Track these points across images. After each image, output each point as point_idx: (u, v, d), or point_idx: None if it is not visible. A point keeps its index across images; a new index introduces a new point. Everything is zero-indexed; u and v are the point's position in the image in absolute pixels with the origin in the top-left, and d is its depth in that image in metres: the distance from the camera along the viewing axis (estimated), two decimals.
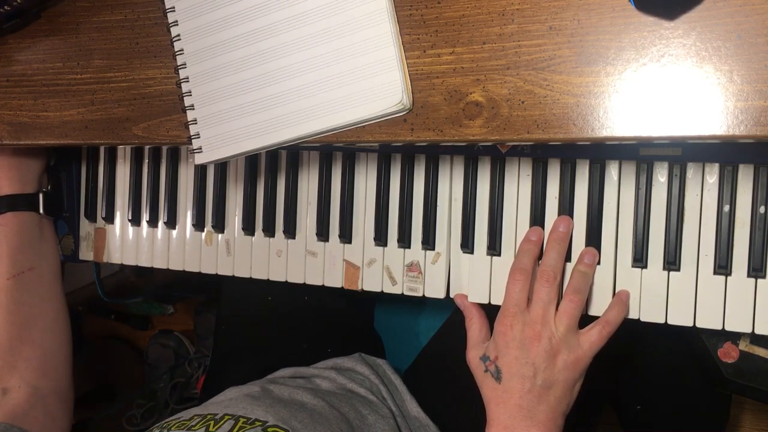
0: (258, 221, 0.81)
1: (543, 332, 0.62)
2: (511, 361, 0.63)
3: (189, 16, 0.63)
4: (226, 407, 0.67)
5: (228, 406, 0.67)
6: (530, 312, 0.64)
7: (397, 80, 0.56)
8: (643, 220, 0.66)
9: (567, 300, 0.64)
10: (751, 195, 0.63)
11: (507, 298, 0.65)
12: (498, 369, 0.64)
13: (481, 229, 0.72)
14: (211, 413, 0.65)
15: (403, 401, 0.79)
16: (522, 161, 0.70)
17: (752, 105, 0.48)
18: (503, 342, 0.64)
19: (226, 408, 0.66)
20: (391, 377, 0.82)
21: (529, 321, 0.63)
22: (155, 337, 1.55)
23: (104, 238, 0.89)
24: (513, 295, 0.64)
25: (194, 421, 0.64)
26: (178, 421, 0.65)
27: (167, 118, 0.67)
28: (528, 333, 0.63)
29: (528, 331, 0.63)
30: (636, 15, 0.50)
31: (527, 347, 0.62)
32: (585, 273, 0.66)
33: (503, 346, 0.64)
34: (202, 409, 0.69)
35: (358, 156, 0.76)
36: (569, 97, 0.52)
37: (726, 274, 0.64)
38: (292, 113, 0.60)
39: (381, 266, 0.76)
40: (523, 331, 0.63)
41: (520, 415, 0.62)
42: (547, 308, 0.63)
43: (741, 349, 0.68)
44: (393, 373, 0.83)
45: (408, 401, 0.79)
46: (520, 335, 0.63)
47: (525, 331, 0.63)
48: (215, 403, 0.72)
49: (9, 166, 0.81)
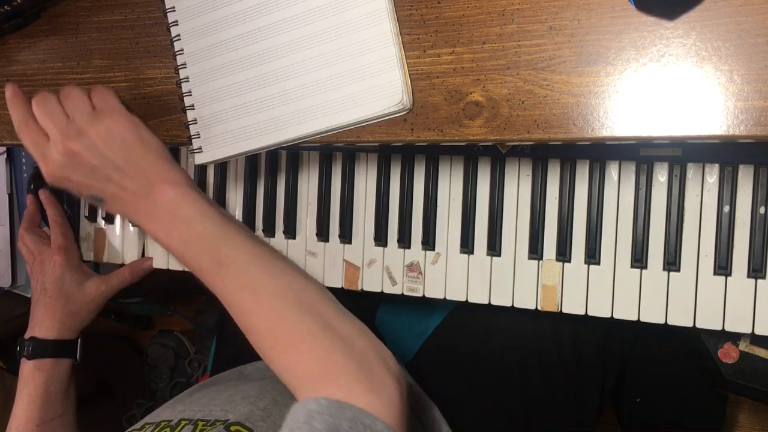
0: (258, 221, 0.81)
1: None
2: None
3: (189, 16, 0.63)
4: (181, 412, 0.65)
5: (183, 411, 0.65)
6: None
7: (398, 80, 0.56)
8: (643, 220, 0.66)
9: None
10: (751, 195, 0.63)
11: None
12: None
13: (481, 230, 0.72)
14: (165, 420, 0.63)
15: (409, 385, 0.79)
16: (522, 161, 0.70)
17: (752, 105, 0.48)
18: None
19: (182, 413, 0.65)
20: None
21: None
22: (155, 337, 1.55)
23: (104, 239, 0.89)
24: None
25: (147, 430, 0.62)
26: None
27: (167, 118, 0.66)
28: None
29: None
30: (636, 15, 0.50)
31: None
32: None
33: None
34: (154, 416, 0.67)
35: (358, 156, 0.76)
36: (569, 97, 0.52)
37: (726, 275, 0.64)
38: (292, 113, 0.60)
39: (381, 266, 0.76)
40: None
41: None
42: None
43: (741, 350, 0.68)
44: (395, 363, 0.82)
45: (412, 385, 0.79)
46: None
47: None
48: (169, 407, 0.70)
49: (63, 314, 0.80)
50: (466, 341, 0.83)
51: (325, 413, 0.48)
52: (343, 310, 0.58)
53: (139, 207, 0.60)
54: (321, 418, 0.47)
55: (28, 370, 0.78)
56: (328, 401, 0.49)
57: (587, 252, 0.68)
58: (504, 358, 0.80)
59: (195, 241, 0.58)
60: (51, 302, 0.80)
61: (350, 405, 0.49)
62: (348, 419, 0.47)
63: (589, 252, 0.68)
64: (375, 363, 0.53)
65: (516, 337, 0.80)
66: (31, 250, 0.84)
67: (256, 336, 0.56)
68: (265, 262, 0.58)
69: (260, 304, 0.56)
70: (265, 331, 0.55)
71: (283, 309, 0.55)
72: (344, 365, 0.52)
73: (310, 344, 0.53)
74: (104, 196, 0.61)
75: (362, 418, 0.48)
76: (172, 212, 0.59)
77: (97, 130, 0.59)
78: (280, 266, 0.58)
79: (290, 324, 0.54)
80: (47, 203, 0.87)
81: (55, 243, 0.83)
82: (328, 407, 0.48)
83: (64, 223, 0.86)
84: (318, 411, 0.48)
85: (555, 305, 0.70)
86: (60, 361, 0.79)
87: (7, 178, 0.96)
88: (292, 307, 0.55)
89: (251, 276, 0.57)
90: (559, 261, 0.69)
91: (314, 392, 0.51)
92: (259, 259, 0.58)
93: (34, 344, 0.78)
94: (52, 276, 0.81)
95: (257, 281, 0.57)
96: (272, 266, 0.58)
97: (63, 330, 0.80)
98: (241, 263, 0.57)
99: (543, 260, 0.70)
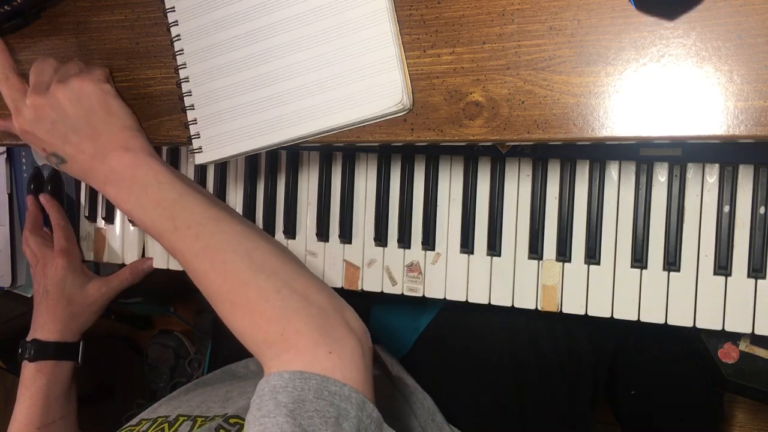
0: (258, 221, 0.81)
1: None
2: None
3: (189, 16, 0.63)
4: (177, 408, 0.65)
5: (179, 407, 0.65)
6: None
7: (397, 80, 0.56)
8: (643, 220, 0.66)
9: None
10: (751, 195, 0.63)
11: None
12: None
13: (481, 230, 0.72)
14: (162, 416, 0.63)
15: (401, 378, 0.79)
16: (522, 161, 0.70)
17: (752, 105, 0.48)
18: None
19: (178, 409, 0.65)
20: (385, 359, 0.82)
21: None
22: (155, 337, 1.55)
23: (104, 239, 0.89)
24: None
25: (143, 426, 0.62)
26: (127, 428, 0.63)
27: (167, 118, 0.66)
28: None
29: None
30: (636, 15, 0.50)
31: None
32: None
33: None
34: (150, 412, 0.67)
35: (358, 156, 0.76)
36: (569, 97, 0.52)
37: (726, 275, 0.64)
38: (292, 113, 0.60)
39: (381, 266, 0.76)
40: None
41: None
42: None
43: (741, 350, 0.68)
44: (387, 355, 0.82)
45: (405, 377, 0.79)
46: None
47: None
48: (164, 403, 0.70)
49: (65, 316, 0.81)
50: (459, 336, 0.83)
51: (289, 386, 0.47)
52: (301, 268, 0.58)
53: (96, 170, 0.62)
54: (285, 392, 0.47)
55: (29, 372, 0.78)
56: (291, 374, 0.48)
57: (587, 252, 0.68)
58: (498, 351, 0.80)
59: (151, 206, 0.59)
60: (53, 304, 0.80)
61: (313, 374, 0.48)
62: (313, 390, 0.47)
63: (589, 252, 0.68)
64: (334, 321, 0.53)
65: (509, 332, 0.80)
66: (34, 253, 0.85)
67: (215, 300, 0.56)
68: (221, 226, 0.58)
69: (216, 269, 0.56)
70: (223, 294, 0.56)
71: (239, 272, 0.55)
72: (301, 328, 0.52)
73: (263, 306, 0.53)
74: (65, 156, 0.63)
75: (328, 385, 0.48)
76: (129, 178, 0.61)
77: (65, 90, 0.62)
78: (239, 229, 0.59)
79: (245, 287, 0.54)
80: (49, 207, 0.87)
81: (58, 246, 0.84)
82: (291, 380, 0.48)
83: (67, 226, 0.86)
84: (282, 386, 0.48)
85: (555, 305, 0.70)
86: (61, 363, 0.80)
87: (7, 178, 0.96)
88: (248, 270, 0.55)
89: (206, 240, 0.57)
90: (559, 261, 0.69)
91: (276, 359, 0.51)
92: (216, 223, 0.58)
93: (36, 346, 0.79)
94: (54, 279, 0.81)
95: (212, 245, 0.57)
96: (229, 230, 0.58)
97: (65, 332, 0.80)
98: (196, 228, 0.58)
99: (543, 260, 0.70)
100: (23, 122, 0.64)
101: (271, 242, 0.59)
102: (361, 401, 0.49)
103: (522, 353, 0.80)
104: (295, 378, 0.48)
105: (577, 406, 0.82)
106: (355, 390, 0.49)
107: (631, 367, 0.84)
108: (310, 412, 0.46)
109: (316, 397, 0.47)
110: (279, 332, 0.52)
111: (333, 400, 0.47)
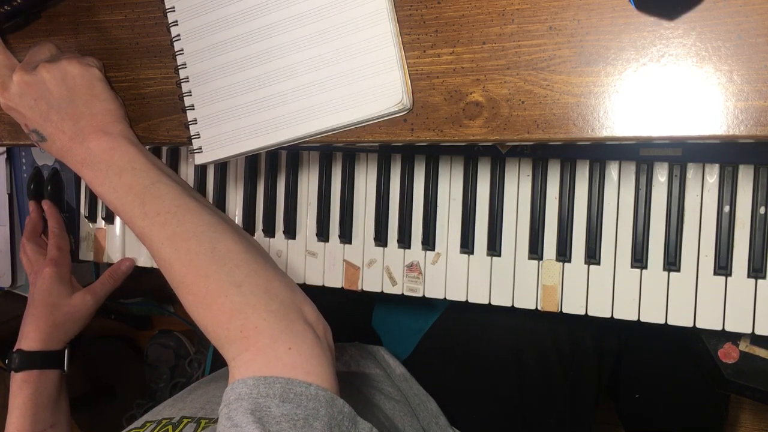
0: (258, 221, 0.81)
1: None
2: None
3: (189, 16, 0.63)
4: (181, 410, 0.65)
5: (183, 409, 0.65)
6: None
7: (397, 80, 0.56)
8: (643, 220, 0.66)
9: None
10: (751, 195, 0.63)
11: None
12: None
13: (481, 230, 0.72)
14: (166, 417, 0.63)
15: (405, 381, 0.79)
16: (522, 161, 0.70)
17: (752, 105, 0.48)
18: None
19: (182, 411, 0.64)
20: (389, 361, 0.82)
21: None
22: (155, 337, 1.55)
23: (104, 239, 0.89)
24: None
25: (148, 428, 0.61)
26: (133, 430, 0.63)
27: (167, 118, 0.66)
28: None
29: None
30: (636, 15, 0.50)
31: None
32: None
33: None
34: (154, 414, 0.66)
35: (358, 156, 0.76)
36: (569, 97, 0.52)
37: (726, 275, 0.64)
38: (292, 113, 0.60)
39: (381, 266, 0.76)
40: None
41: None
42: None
43: (741, 350, 0.68)
44: (391, 358, 0.82)
45: (408, 380, 0.79)
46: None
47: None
48: (169, 405, 0.69)
49: (48, 325, 0.80)
50: (462, 338, 0.83)
51: (254, 393, 0.47)
52: (265, 262, 0.57)
53: (74, 151, 0.62)
54: (250, 399, 0.47)
55: (16, 383, 0.78)
56: (255, 380, 0.48)
57: (587, 252, 0.68)
58: (500, 353, 0.80)
59: (124, 191, 0.60)
60: (37, 313, 0.80)
61: (277, 378, 0.48)
62: (278, 395, 0.47)
63: (589, 252, 0.68)
64: (293, 315, 0.53)
65: (512, 333, 0.80)
66: (30, 260, 0.85)
67: (179, 292, 0.56)
68: (189, 216, 0.58)
69: (180, 258, 0.56)
70: (186, 286, 0.55)
71: (201, 262, 0.55)
72: (260, 324, 0.51)
73: (222, 301, 0.53)
74: (45, 134, 0.64)
75: (293, 387, 0.48)
76: (105, 161, 0.61)
77: (52, 69, 0.63)
78: (206, 219, 0.58)
79: (206, 278, 0.54)
80: (49, 214, 0.87)
81: (49, 255, 0.84)
82: (255, 386, 0.48)
83: (62, 234, 0.86)
84: (247, 393, 0.48)
85: (555, 305, 0.70)
86: (46, 372, 0.79)
87: (7, 178, 0.96)
88: (209, 261, 0.55)
89: (172, 228, 0.57)
90: (559, 261, 0.69)
91: (237, 359, 0.51)
92: (185, 212, 0.58)
93: (20, 357, 0.78)
94: (40, 288, 0.81)
95: (178, 234, 0.57)
96: (197, 220, 0.58)
97: (47, 342, 0.80)
98: (164, 215, 0.58)
99: (543, 260, 0.70)
100: (8, 97, 0.64)
101: (238, 233, 0.59)
102: (329, 398, 0.48)
103: (525, 355, 0.80)
104: (259, 384, 0.48)
105: (579, 407, 0.82)
106: (322, 387, 0.49)
107: (634, 369, 0.84)
108: (278, 418, 0.46)
109: (283, 401, 0.47)
110: (238, 329, 0.52)
111: (300, 401, 0.47)
